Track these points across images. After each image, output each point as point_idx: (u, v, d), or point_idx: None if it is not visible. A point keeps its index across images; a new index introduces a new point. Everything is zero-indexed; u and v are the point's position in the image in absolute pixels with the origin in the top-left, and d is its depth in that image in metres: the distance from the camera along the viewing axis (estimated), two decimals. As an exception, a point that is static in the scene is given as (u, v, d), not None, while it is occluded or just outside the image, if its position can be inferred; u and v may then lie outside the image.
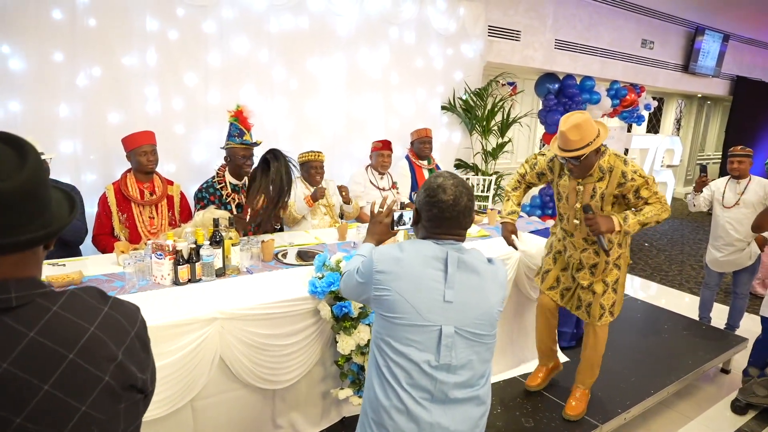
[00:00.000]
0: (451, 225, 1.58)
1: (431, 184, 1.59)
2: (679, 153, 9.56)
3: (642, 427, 3.26)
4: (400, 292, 1.49)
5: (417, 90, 5.40)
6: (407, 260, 1.53)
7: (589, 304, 2.82)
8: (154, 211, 3.24)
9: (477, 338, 1.53)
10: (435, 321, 1.49)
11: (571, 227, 2.79)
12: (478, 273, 1.54)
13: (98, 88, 3.57)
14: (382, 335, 1.55)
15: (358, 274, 1.65)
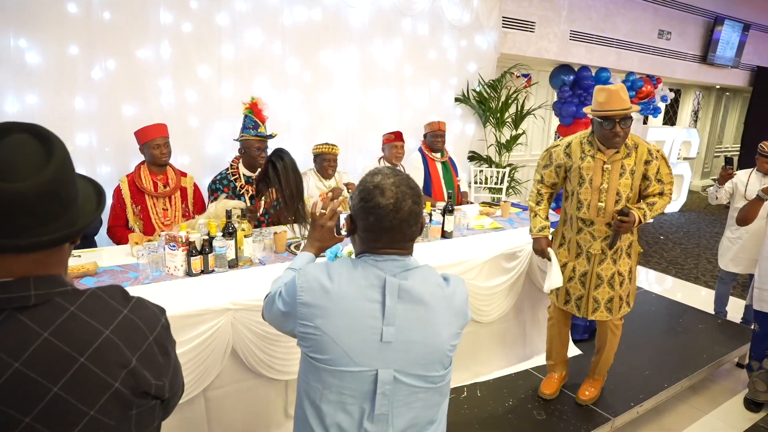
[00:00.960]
0: (392, 237, 1.26)
1: (366, 185, 1.26)
2: (696, 145, 9.42)
3: (655, 421, 3.24)
4: (328, 332, 1.21)
5: (431, 82, 5.38)
6: (337, 292, 1.22)
7: (609, 299, 2.73)
8: (168, 202, 3.27)
9: (423, 381, 1.25)
10: (369, 365, 1.21)
11: (592, 214, 2.66)
12: (425, 303, 1.24)
13: (113, 81, 3.61)
14: (309, 380, 1.27)
15: (281, 301, 1.33)
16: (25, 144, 0.86)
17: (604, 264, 2.70)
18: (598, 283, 2.72)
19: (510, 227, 3.74)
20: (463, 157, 5.95)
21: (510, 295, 3.24)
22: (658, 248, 7.15)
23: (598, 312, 2.76)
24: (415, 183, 1.31)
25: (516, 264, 3.24)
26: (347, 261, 1.30)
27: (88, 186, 1.00)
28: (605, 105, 2.49)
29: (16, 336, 0.83)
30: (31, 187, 0.82)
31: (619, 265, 2.71)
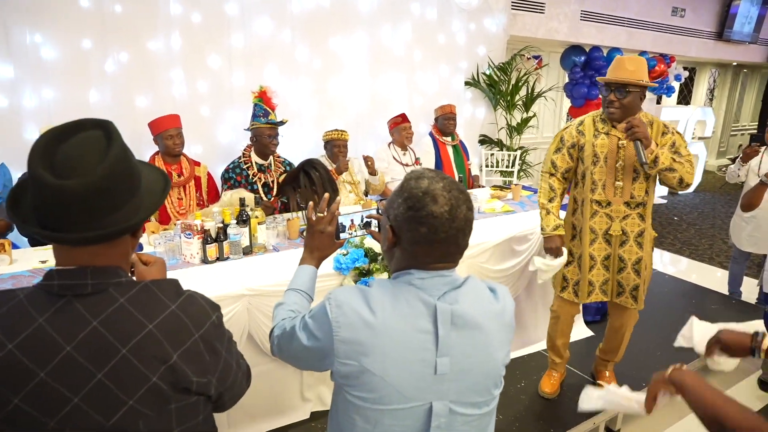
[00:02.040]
0: (446, 250, 1.11)
1: (414, 191, 1.09)
2: (712, 124, 9.29)
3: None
4: (375, 371, 1.07)
5: (440, 66, 5.36)
6: (382, 326, 1.07)
7: (635, 286, 2.63)
8: (183, 192, 3.33)
9: (478, 408, 1.16)
10: (423, 399, 1.10)
11: (609, 194, 2.56)
12: (480, 327, 1.12)
13: (126, 73, 3.66)
14: (354, 421, 1.13)
15: (306, 336, 1.16)
16: (90, 141, 0.90)
17: (626, 246, 2.60)
18: (622, 266, 2.63)
19: (521, 210, 3.76)
20: (474, 140, 5.94)
21: (521, 278, 3.27)
22: (672, 229, 7.11)
23: (623, 297, 2.67)
24: (463, 186, 1.19)
25: (527, 247, 3.26)
26: (386, 286, 1.13)
27: (153, 173, 1.04)
28: (609, 72, 2.48)
29: (71, 322, 0.89)
30: (82, 185, 0.86)
31: (646, 249, 2.61)
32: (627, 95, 2.42)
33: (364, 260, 2.57)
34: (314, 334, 1.13)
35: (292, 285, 1.39)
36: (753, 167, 4.04)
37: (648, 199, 2.56)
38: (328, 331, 1.09)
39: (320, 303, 1.15)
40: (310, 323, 1.15)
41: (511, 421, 2.70)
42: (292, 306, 1.32)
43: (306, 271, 1.42)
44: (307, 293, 1.38)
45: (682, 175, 2.38)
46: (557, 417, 2.75)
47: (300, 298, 1.36)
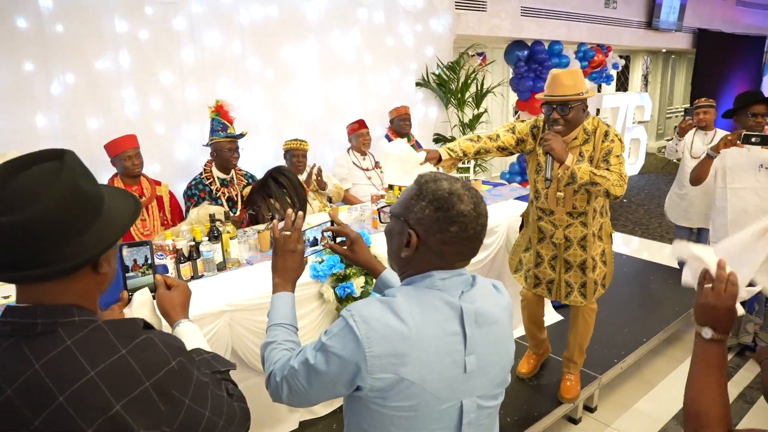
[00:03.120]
0: (473, 246, 1.14)
1: (438, 193, 1.10)
2: (649, 108, 9.75)
3: (636, 374, 3.42)
4: (414, 379, 1.07)
5: (391, 69, 5.43)
6: (416, 335, 1.08)
7: (583, 284, 2.65)
8: (145, 213, 3.26)
9: (496, 400, 1.21)
10: (454, 398, 1.13)
11: (551, 203, 2.58)
12: (497, 322, 1.17)
13: (74, 94, 3.54)
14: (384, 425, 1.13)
15: (323, 359, 1.10)
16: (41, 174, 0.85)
17: (570, 251, 2.62)
18: (568, 267, 2.66)
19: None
20: (429, 139, 6.03)
21: (492, 270, 3.36)
22: (623, 211, 7.42)
23: (572, 296, 2.69)
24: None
25: (494, 240, 3.35)
26: (411, 293, 1.13)
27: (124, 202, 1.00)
28: (546, 89, 2.43)
29: (15, 363, 0.84)
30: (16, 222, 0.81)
31: (591, 251, 2.60)
32: (569, 111, 2.37)
33: (340, 266, 2.59)
34: (338, 355, 1.08)
35: (274, 320, 1.30)
36: (687, 144, 4.30)
37: (590, 208, 2.54)
38: (355, 349, 1.06)
39: (339, 321, 1.11)
40: (331, 345, 1.10)
41: (496, 409, 2.77)
42: (286, 345, 1.24)
43: (284, 300, 1.33)
44: (292, 325, 1.31)
45: (607, 188, 2.32)
46: (539, 401, 2.84)
47: (288, 333, 1.28)
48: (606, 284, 2.73)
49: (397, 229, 1.18)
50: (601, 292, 2.73)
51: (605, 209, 2.65)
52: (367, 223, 3.44)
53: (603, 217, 2.64)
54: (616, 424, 2.98)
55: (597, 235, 2.62)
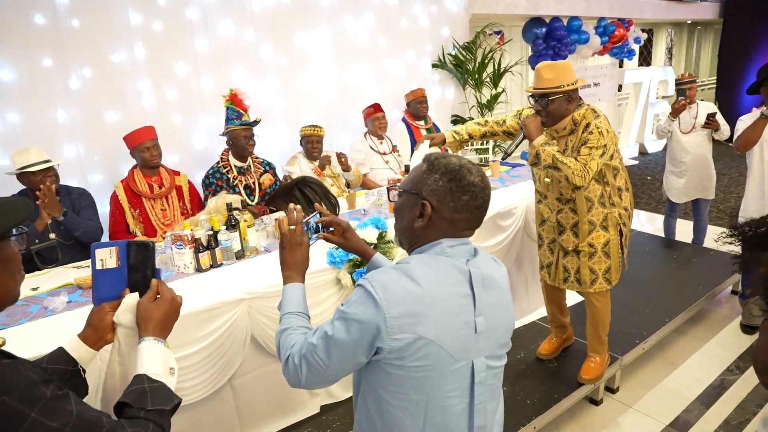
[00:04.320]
0: (480, 215, 1.26)
1: (450, 166, 1.22)
2: (673, 83, 9.49)
3: (659, 355, 3.38)
4: (431, 337, 1.14)
5: (406, 52, 5.38)
6: (431, 295, 1.16)
7: (577, 269, 2.67)
8: (165, 203, 3.30)
9: (500, 360, 1.30)
10: (466, 358, 1.20)
11: (543, 188, 2.69)
12: (501, 286, 1.28)
13: (92, 88, 3.59)
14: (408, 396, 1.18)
15: (344, 327, 1.15)
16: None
17: (564, 236, 2.68)
18: (564, 252, 2.70)
19: (501, 186, 3.82)
20: (447, 121, 5.98)
21: (510, 252, 3.34)
22: (646, 189, 7.28)
23: (569, 282, 2.72)
24: None
25: (512, 221, 3.32)
26: (421, 259, 1.22)
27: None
28: (533, 81, 2.51)
29: None
30: None
31: (587, 238, 2.61)
32: (550, 103, 2.43)
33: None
34: (358, 320, 1.13)
35: (287, 308, 1.35)
36: (676, 122, 4.31)
37: (575, 195, 2.56)
38: (375, 312, 1.12)
39: (357, 290, 1.18)
40: (351, 311, 1.15)
41: (516, 390, 2.77)
42: (300, 330, 1.28)
43: (296, 291, 1.38)
44: (304, 314, 1.35)
45: (567, 175, 2.38)
46: (559, 382, 2.83)
47: (302, 320, 1.33)
48: (612, 279, 2.67)
49: (409, 204, 1.27)
50: (605, 286, 2.67)
51: (611, 199, 2.59)
52: (385, 207, 3.44)
53: (608, 208, 2.58)
54: (637, 405, 2.95)
55: (601, 225, 2.59)
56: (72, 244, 2.95)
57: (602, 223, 2.59)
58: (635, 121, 9.09)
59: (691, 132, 4.27)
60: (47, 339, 1.97)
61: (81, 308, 2.24)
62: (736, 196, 6.47)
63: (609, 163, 2.53)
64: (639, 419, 2.86)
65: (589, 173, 2.38)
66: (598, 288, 2.67)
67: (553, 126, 2.52)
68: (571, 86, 2.41)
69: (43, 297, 2.35)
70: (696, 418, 2.86)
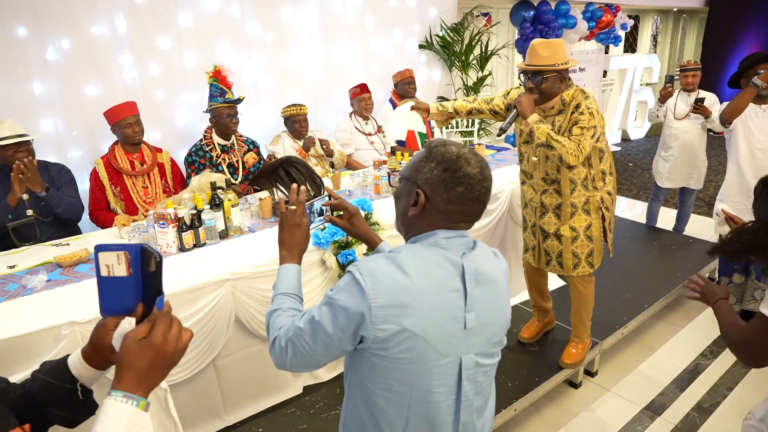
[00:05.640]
0: (476, 208, 1.20)
1: (447, 155, 1.17)
2: (658, 70, 9.55)
3: (637, 340, 3.45)
4: (417, 330, 1.12)
5: (393, 31, 5.32)
6: (419, 287, 1.12)
7: (559, 253, 2.68)
8: (147, 180, 3.24)
9: (492, 358, 1.27)
10: (454, 354, 1.17)
11: (530, 167, 2.66)
12: (496, 282, 1.23)
13: (70, 61, 3.49)
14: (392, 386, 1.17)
15: (330, 314, 1.14)
16: None
17: (545, 218, 2.67)
18: (545, 235, 2.71)
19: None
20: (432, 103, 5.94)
21: (494, 236, 3.35)
22: (628, 175, 7.36)
23: (552, 265, 2.74)
24: None
25: (497, 205, 3.33)
26: (413, 249, 1.18)
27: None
28: (526, 59, 2.48)
29: None
30: None
31: (568, 221, 2.62)
32: (543, 81, 2.43)
33: (342, 233, 2.59)
34: (344, 307, 1.12)
35: (280, 289, 1.32)
36: (670, 106, 4.38)
37: (561, 176, 2.56)
38: (361, 300, 1.10)
39: (346, 276, 1.15)
40: (338, 298, 1.13)
41: (497, 373, 2.79)
42: (290, 312, 1.27)
43: (291, 271, 1.36)
44: (297, 296, 1.33)
45: (561, 153, 2.40)
46: (540, 366, 2.87)
47: (294, 302, 1.31)
48: (594, 262, 2.69)
49: (405, 190, 1.24)
50: (588, 269, 2.68)
51: (594, 183, 2.58)
52: (370, 188, 3.42)
53: (590, 191, 2.58)
54: (615, 389, 3.01)
55: (583, 208, 2.60)
56: (50, 222, 2.89)
57: (584, 206, 2.60)
58: (619, 108, 9.15)
59: (684, 119, 4.30)
60: (26, 318, 1.93)
61: (61, 287, 2.19)
62: (715, 184, 6.57)
63: (595, 146, 2.53)
64: (616, 402, 2.92)
65: (583, 153, 2.40)
66: (581, 272, 2.69)
67: (542, 105, 2.52)
68: (564, 65, 2.42)
69: (21, 275, 2.30)
70: (670, 401, 2.93)
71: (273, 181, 3.00)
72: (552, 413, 2.85)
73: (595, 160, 2.57)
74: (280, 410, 2.58)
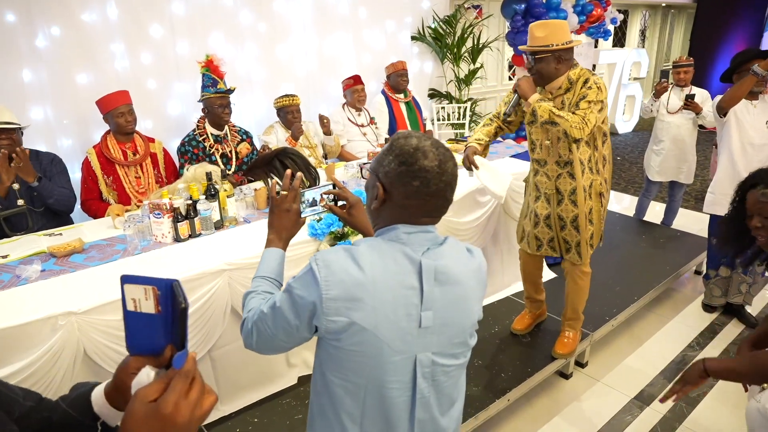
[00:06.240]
0: (435, 203, 1.17)
1: (405, 148, 1.14)
2: (646, 65, 9.63)
3: (626, 331, 3.50)
4: (366, 325, 1.11)
5: (386, 23, 5.30)
6: (372, 282, 1.11)
7: (578, 243, 2.69)
8: (140, 170, 3.21)
9: (455, 359, 1.24)
10: (408, 351, 1.16)
11: (543, 154, 2.64)
12: (460, 283, 1.19)
13: (61, 48, 3.44)
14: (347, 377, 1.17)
15: (289, 302, 1.15)
16: None
17: (563, 206, 2.66)
18: (562, 224, 2.69)
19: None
20: (424, 95, 5.96)
21: (487, 228, 3.38)
22: (616, 169, 7.42)
23: (572, 253, 2.73)
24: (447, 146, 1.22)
25: (490, 198, 3.35)
26: (372, 243, 1.17)
27: None
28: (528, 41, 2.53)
29: None
30: None
31: (582, 207, 2.62)
32: (539, 62, 2.45)
33: (338, 224, 2.59)
34: (300, 296, 1.13)
35: (260, 272, 1.35)
36: (663, 101, 4.43)
37: (573, 157, 2.56)
38: (314, 290, 1.11)
39: (306, 266, 1.16)
40: (295, 286, 1.15)
41: (490, 364, 2.84)
42: (263, 295, 1.29)
43: (273, 255, 1.38)
44: (276, 280, 1.35)
45: (566, 128, 2.40)
46: (532, 357, 2.91)
47: (270, 286, 1.33)
48: (594, 244, 2.74)
49: (371, 183, 1.23)
50: (589, 251, 2.75)
51: (597, 166, 2.62)
52: (364, 180, 3.43)
53: (593, 174, 2.62)
54: (605, 379, 3.06)
55: (587, 192, 2.63)
56: (42, 211, 2.86)
57: (588, 190, 2.63)
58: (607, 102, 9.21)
59: (676, 113, 4.36)
60: (22, 308, 1.92)
61: (56, 277, 2.18)
62: (702, 179, 6.65)
63: (601, 126, 2.56)
64: (606, 392, 2.97)
65: (588, 125, 2.41)
66: (585, 253, 2.71)
67: (545, 86, 2.55)
68: (561, 46, 2.42)
69: (14, 265, 2.28)
70: (659, 391, 2.98)
71: (268, 171, 2.99)
72: (543, 403, 2.89)
73: (599, 142, 2.60)
74: (276, 400, 2.59)
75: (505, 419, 2.75)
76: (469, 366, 2.79)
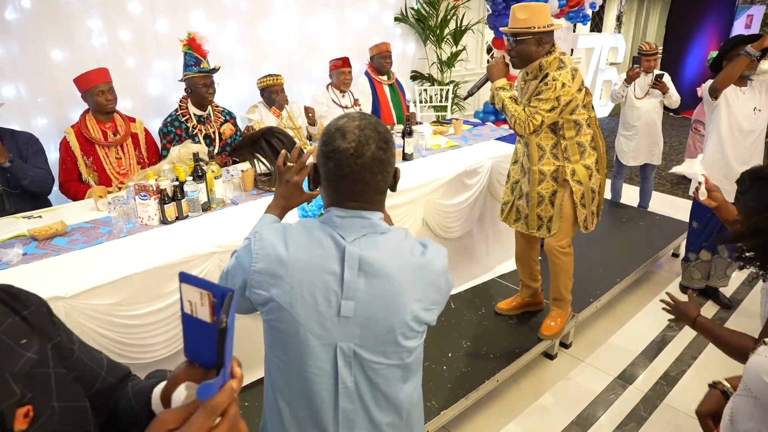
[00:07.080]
0: (353, 187, 1.12)
1: (329, 128, 1.13)
2: (623, 50, 9.72)
3: (609, 313, 3.57)
4: (283, 303, 1.12)
5: (369, 3, 5.23)
6: (293, 263, 1.12)
7: (526, 215, 2.77)
8: (120, 151, 3.12)
9: (384, 357, 1.16)
10: (329, 339, 1.13)
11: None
12: (389, 277, 1.12)
13: (33, 22, 3.29)
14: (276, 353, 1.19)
15: (235, 268, 1.21)
16: None
17: (524, 178, 2.75)
18: (520, 194, 2.80)
19: (465, 144, 3.84)
20: (406, 76, 5.92)
21: (474, 210, 3.39)
22: (593, 153, 7.50)
23: (542, 229, 2.76)
24: (384, 127, 1.16)
25: (477, 180, 3.36)
26: (306, 225, 1.18)
27: None
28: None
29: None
30: None
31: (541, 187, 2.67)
32: (518, 43, 2.48)
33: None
34: (239, 264, 1.19)
35: (254, 230, 1.34)
36: (630, 87, 4.51)
37: (530, 140, 2.63)
38: (247, 260, 1.16)
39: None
40: (238, 254, 1.21)
41: (479, 345, 2.87)
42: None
43: (267, 220, 1.41)
44: None
45: (510, 122, 2.52)
46: (519, 338, 2.95)
47: None
48: (551, 228, 2.73)
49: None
50: (544, 234, 2.76)
51: (565, 153, 2.61)
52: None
53: (560, 161, 2.62)
54: (589, 360, 3.12)
55: (551, 176, 2.65)
56: (19, 193, 2.76)
57: (552, 175, 2.65)
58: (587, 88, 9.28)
59: (644, 98, 4.46)
60: (6, 292, 1.85)
61: (38, 261, 2.11)
62: (677, 163, 6.76)
63: (569, 117, 2.55)
64: (590, 372, 3.03)
65: (531, 125, 2.46)
66: (540, 233, 2.78)
67: (523, 68, 2.59)
68: (542, 29, 2.44)
69: (-6, 248, 2.20)
70: (640, 370, 3.06)
71: (254, 152, 2.93)
72: (529, 384, 2.93)
73: (567, 131, 2.59)
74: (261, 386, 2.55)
75: (491, 400, 2.78)
76: (458, 347, 2.82)
